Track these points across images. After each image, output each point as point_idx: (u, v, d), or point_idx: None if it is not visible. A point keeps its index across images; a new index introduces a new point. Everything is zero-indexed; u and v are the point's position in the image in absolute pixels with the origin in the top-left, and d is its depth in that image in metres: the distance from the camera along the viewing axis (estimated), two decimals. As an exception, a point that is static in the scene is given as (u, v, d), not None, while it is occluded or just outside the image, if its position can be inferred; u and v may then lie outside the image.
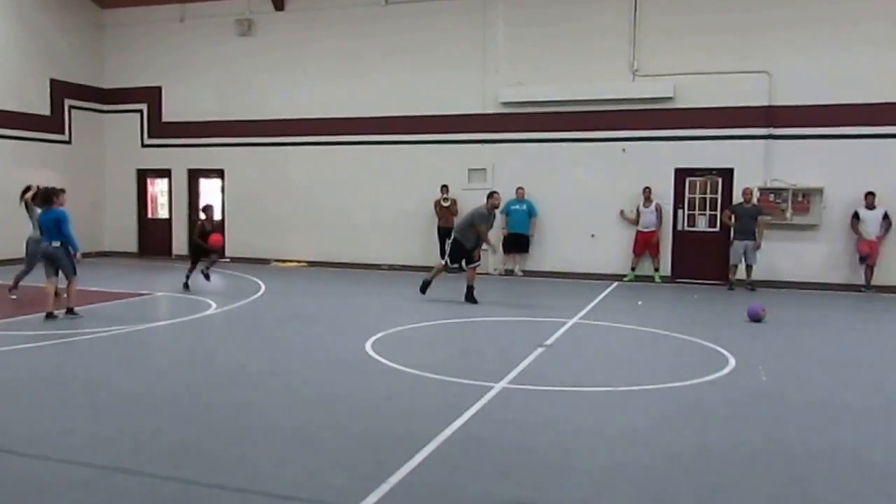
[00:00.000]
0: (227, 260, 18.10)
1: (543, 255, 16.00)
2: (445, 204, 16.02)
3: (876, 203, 13.66)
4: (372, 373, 7.19)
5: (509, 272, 15.99)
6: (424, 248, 16.62)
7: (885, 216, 13.70)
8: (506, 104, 15.95)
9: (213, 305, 11.16)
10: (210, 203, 13.97)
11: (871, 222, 13.71)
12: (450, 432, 5.29)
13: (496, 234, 14.03)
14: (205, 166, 18.79)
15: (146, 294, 12.51)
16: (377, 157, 17.09)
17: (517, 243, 15.77)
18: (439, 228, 16.16)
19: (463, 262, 11.85)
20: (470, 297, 11.63)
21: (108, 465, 4.66)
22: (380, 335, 8.86)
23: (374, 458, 4.83)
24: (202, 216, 13.17)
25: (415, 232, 16.80)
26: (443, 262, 12.22)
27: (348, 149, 17.31)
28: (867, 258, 13.74)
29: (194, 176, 19.09)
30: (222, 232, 18.65)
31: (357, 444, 5.16)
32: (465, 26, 16.27)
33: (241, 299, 11.82)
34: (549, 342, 8.66)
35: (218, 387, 6.72)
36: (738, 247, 14.00)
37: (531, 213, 15.71)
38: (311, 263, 17.42)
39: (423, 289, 11.94)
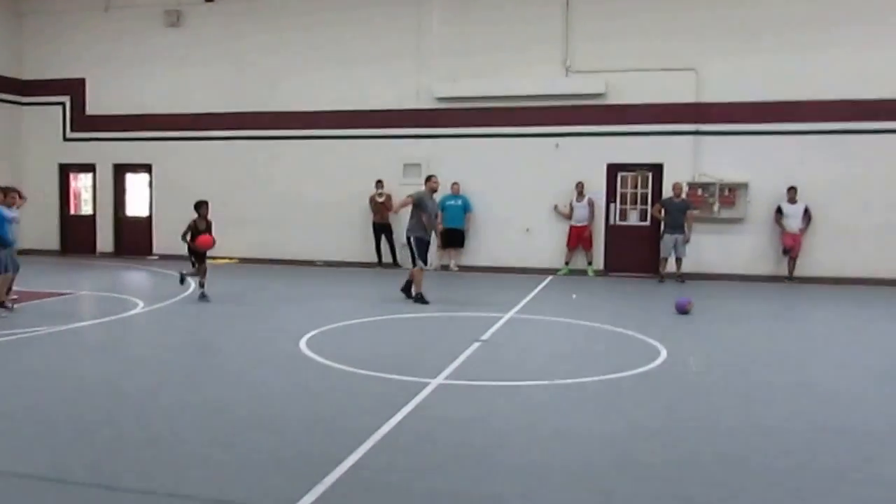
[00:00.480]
0: (156, 258, 17.67)
1: (478, 250, 16.07)
2: (380, 199, 15.92)
3: (797, 198, 14.15)
4: (307, 371, 7.08)
5: (445, 267, 16.00)
6: (359, 244, 16.51)
7: (806, 210, 14.21)
8: (440, 99, 15.94)
9: (141, 304, 10.84)
10: (204, 200, 11.45)
11: (793, 216, 14.20)
12: (386, 429, 5.24)
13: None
14: (132, 161, 18.27)
15: (68, 293, 12.07)
16: (311, 151, 16.88)
17: (452, 238, 15.77)
18: (374, 224, 16.08)
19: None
20: (406, 290, 11.56)
21: (30, 473, 4.46)
22: (314, 332, 8.74)
23: (310, 457, 4.75)
24: (195, 214, 11.29)
25: (349, 228, 16.65)
26: (417, 267, 11.33)
27: (281, 143, 17.05)
28: (790, 250, 14.23)
29: (120, 171, 18.54)
30: (150, 228, 18.28)
31: (292, 443, 5.06)
32: (399, 20, 16.19)
33: (170, 298, 11.51)
34: (485, 337, 8.68)
35: (146, 389, 6.50)
36: (668, 240, 14.32)
37: (466, 208, 15.75)
38: (244, 260, 17.10)
39: (422, 300, 11.20)
